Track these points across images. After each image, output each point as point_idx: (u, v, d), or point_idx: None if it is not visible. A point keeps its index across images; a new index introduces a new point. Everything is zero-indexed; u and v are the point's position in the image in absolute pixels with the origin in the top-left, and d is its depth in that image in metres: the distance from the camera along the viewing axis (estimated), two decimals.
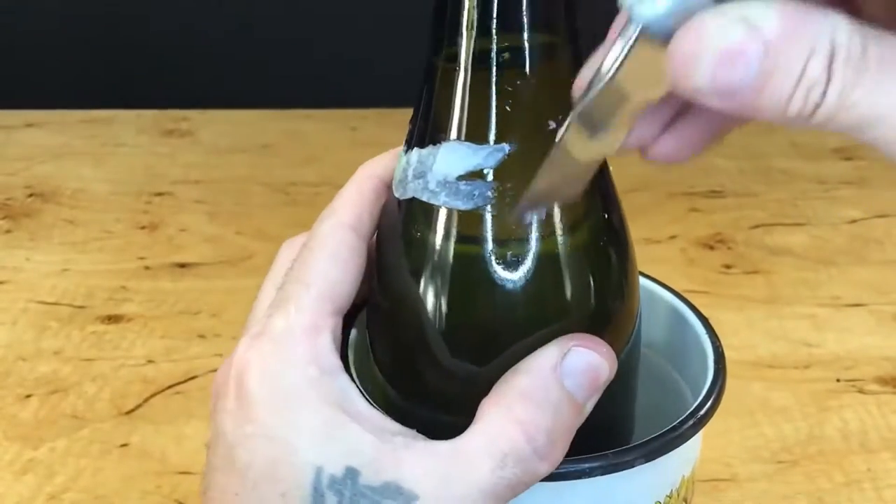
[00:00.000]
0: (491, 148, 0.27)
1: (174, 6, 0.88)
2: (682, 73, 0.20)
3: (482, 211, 0.27)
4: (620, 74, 0.22)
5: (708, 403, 0.30)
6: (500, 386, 0.27)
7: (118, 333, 0.56)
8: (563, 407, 0.26)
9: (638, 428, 0.33)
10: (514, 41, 0.26)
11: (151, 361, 0.54)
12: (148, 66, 0.90)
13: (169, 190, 0.72)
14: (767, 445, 0.48)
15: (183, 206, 0.70)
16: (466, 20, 0.26)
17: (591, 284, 0.28)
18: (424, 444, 0.26)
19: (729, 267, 0.63)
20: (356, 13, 0.88)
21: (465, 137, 0.27)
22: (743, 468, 0.47)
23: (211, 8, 0.89)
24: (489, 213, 0.27)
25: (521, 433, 0.26)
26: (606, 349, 0.27)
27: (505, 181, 0.27)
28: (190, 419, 0.50)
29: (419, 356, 0.29)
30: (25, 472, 0.46)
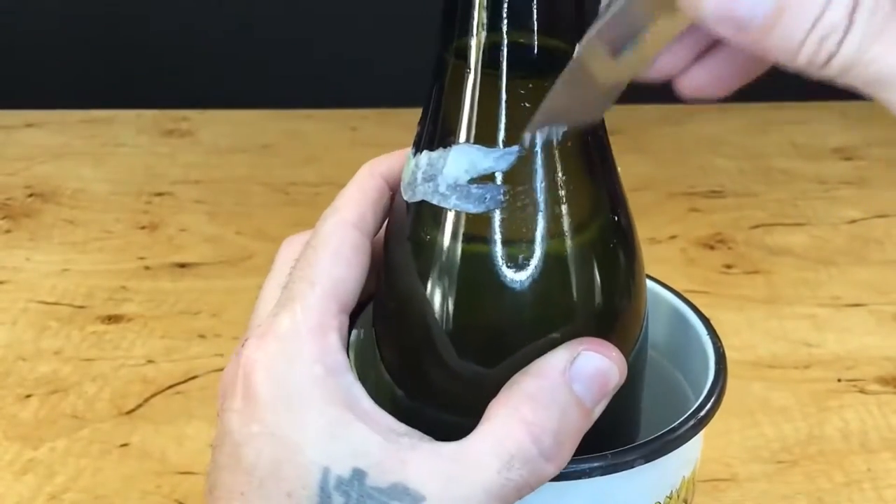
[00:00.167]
0: (502, 151, 0.26)
1: (174, 6, 0.88)
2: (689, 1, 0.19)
3: (492, 213, 0.27)
4: None
5: (708, 404, 0.30)
6: (508, 388, 0.27)
7: (118, 333, 0.56)
8: (570, 410, 0.26)
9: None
10: (526, 41, 0.26)
11: (151, 361, 0.54)
12: (148, 66, 0.90)
13: (169, 190, 0.72)
14: (767, 445, 0.48)
15: (183, 206, 0.70)
16: (477, 20, 0.26)
17: (599, 286, 0.28)
18: (431, 445, 0.26)
19: (729, 267, 0.63)
20: (356, 13, 0.88)
21: (475, 140, 0.27)
22: (743, 468, 0.47)
23: (211, 8, 0.89)
24: (499, 215, 0.27)
25: (527, 434, 0.26)
26: (617, 354, 0.27)
27: (517, 184, 0.27)
28: (190, 419, 0.50)
29: (427, 357, 0.29)
30: (25, 472, 0.46)
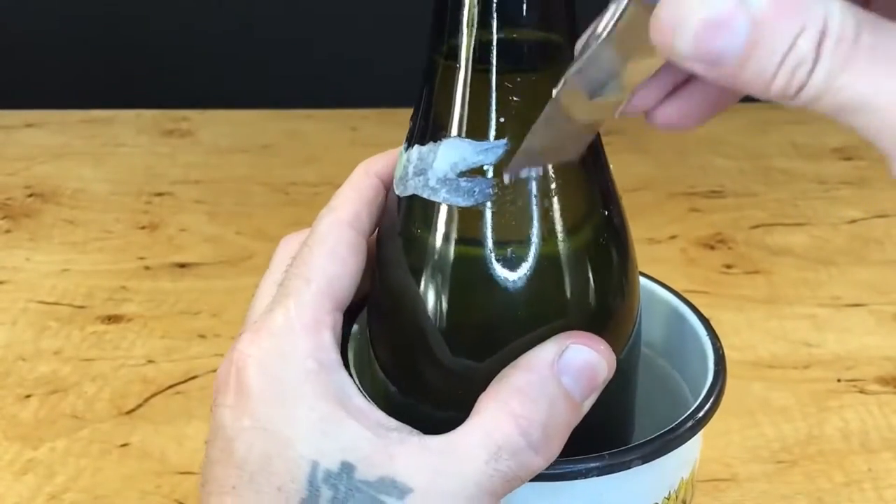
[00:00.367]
0: (491, 144, 0.27)
1: (174, 6, 0.88)
2: (664, 39, 0.20)
3: (482, 208, 0.27)
4: (614, 36, 0.22)
5: (707, 406, 0.30)
6: (496, 382, 0.27)
7: (118, 333, 0.56)
8: (559, 402, 0.26)
9: (637, 429, 0.33)
10: (514, 37, 0.26)
11: (151, 361, 0.54)
12: (148, 66, 0.90)
13: (169, 190, 0.72)
14: (767, 445, 0.48)
15: (183, 206, 0.70)
16: (467, 16, 0.26)
17: (590, 283, 0.28)
18: (419, 438, 0.26)
19: (729, 267, 0.63)
20: (356, 13, 0.88)
21: (465, 134, 0.27)
22: (743, 468, 0.47)
23: (211, 8, 0.89)
24: (489, 210, 0.27)
25: (515, 426, 0.26)
26: (604, 347, 0.27)
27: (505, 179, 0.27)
28: (190, 419, 0.50)
29: (418, 353, 0.29)
30: (25, 472, 0.46)
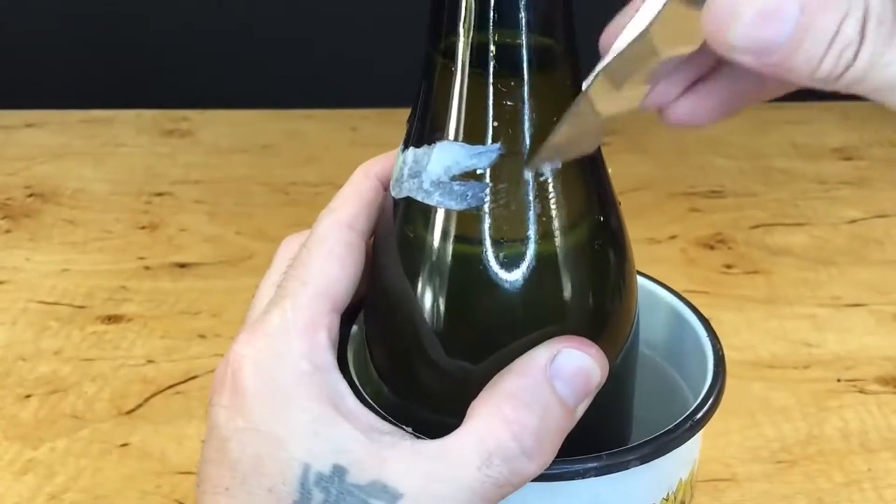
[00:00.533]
0: (484, 148, 0.27)
1: (174, 6, 0.88)
2: (718, 29, 0.21)
3: (475, 211, 0.27)
4: (653, 30, 0.22)
5: (706, 407, 0.30)
6: (489, 388, 0.27)
7: (118, 333, 0.56)
8: (552, 408, 0.26)
9: (637, 429, 0.33)
10: (509, 41, 0.26)
11: (151, 361, 0.54)
12: (148, 66, 0.90)
13: (169, 190, 0.72)
14: (767, 445, 0.48)
15: (183, 206, 0.70)
16: (462, 20, 0.26)
17: (585, 285, 0.28)
18: (411, 443, 0.26)
19: (729, 267, 0.63)
20: (356, 13, 0.87)
21: (459, 137, 0.27)
22: (743, 468, 0.47)
23: (211, 8, 0.88)
24: (483, 213, 0.27)
25: (507, 432, 0.26)
26: (596, 351, 0.27)
27: (498, 182, 0.27)
28: (190, 419, 0.50)
29: (411, 355, 0.29)
30: (25, 472, 0.46)
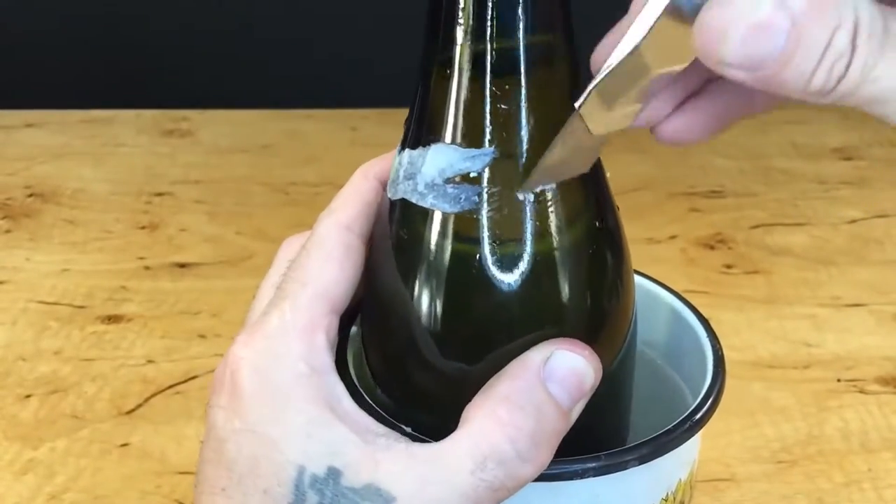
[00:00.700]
0: (478, 152, 0.27)
1: (174, 6, 0.88)
2: (709, 45, 0.21)
3: (469, 214, 0.27)
4: (644, 47, 0.22)
5: (705, 407, 0.30)
6: (483, 391, 0.27)
7: (118, 333, 0.56)
8: (546, 410, 0.26)
9: (637, 429, 0.32)
10: (505, 45, 0.26)
11: (151, 361, 0.54)
12: (148, 66, 0.90)
13: (169, 190, 0.72)
14: (767, 445, 0.48)
15: (183, 206, 0.70)
16: (458, 23, 0.26)
17: (580, 287, 0.28)
18: (406, 446, 0.26)
19: (729, 267, 0.63)
20: (356, 13, 0.88)
21: (453, 140, 0.27)
22: (743, 468, 0.47)
23: (211, 8, 0.89)
24: (476, 216, 0.27)
25: (502, 435, 0.26)
26: (590, 353, 0.27)
27: (492, 185, 0.27)
28: (190, 419, 0.50)
29: (404, 357, 0.29)
30: (25, 472, 0.46)
